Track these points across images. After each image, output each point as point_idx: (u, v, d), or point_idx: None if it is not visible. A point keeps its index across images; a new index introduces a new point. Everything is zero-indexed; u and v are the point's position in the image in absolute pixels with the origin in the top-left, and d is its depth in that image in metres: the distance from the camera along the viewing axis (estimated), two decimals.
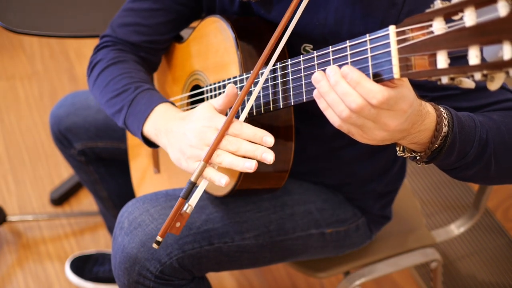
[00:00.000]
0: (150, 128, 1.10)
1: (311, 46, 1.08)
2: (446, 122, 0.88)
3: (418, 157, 0.92)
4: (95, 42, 1.31)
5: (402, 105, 0.80)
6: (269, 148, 0.95)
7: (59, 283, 1.90)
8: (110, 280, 1.81)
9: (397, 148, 0.93)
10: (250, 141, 0.95)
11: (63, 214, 2.10)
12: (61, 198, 2.12)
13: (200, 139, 0.99)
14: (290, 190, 1.27)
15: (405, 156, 0.93)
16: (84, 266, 1.85)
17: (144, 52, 1.26)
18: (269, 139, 0.95)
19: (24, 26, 1.61)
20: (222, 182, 0.95)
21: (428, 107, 0.88)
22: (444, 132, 0.88)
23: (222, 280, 1.90)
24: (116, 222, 1.18)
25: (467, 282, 1.89)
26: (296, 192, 1.28)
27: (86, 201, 2.13)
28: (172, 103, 1.14)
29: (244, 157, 0.95)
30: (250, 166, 0.94)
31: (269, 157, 0.94)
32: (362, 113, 0.80)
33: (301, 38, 1.08)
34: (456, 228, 1.54)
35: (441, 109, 0.89)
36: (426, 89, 1.02)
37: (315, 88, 0.87)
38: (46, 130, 2.34)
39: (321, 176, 1.30)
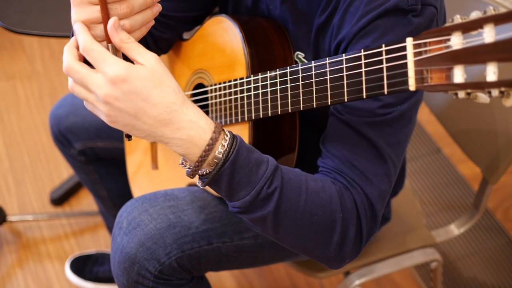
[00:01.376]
0: None
1: (303, 55, 1.08)
2: (222, 151, 0.86)
3: (188, 170, 0.89)
4: None
5: (108, 69, 0.80)
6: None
7: (59, 283, 1.90)
8: (110, 280, 1.81)
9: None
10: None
11: (63, 214, 2.10)
12: (61, 198, 2.12)
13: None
14: None
15: (182, 166, 0.90)
16: (84, 266, 1.85)
17: None
18: None
19: (24, 26, 1.61)
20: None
21: (200, 122, 0.85)
22: (216, 160, 0.86)
23: (222, 280, 1.90)
24: (115, 222, 1.18)
25: (467, 282, 1.88)
26: None
27: (86, 201, 2.13)
28: None
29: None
30: (158, 9, 0.89)
31: None
32: (70, 71, 0.83)
33: (294, 46, 1.09)
34: (456, 228, 1.53)
35: (225, 142, 0.86)
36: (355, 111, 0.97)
37: (325, 94, 0.88)
38: (46, 130, 2.34)
39: None
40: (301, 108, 0.94)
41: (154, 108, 0.82)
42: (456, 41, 0.72)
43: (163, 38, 1.26)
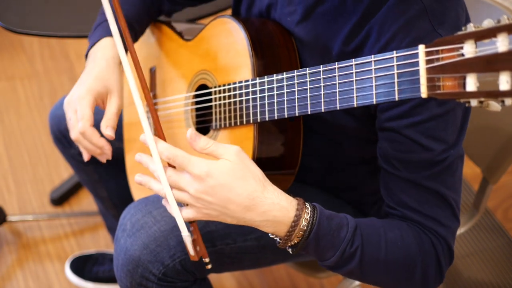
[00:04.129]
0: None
1: None
2: (306, 223, 0.93)
3: (278, 242, 0.97)
4: None
5: (194, 169, 0.90)
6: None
7: (59, 283, 1.90)
8: (110, 280, 1.81)
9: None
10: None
11: (63, 214, 2.10)
12: (61, 198, 2.12)
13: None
14: (290, 190, 1.26)
15: (272, 236, 0.98)
16: (84, 266, 1.85)
17: None
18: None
19: (24, 26, 1.61)
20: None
21: (282, 202, 0.93)
22: (302, 232, 0.93)
23: (222, 280, 1.90)
24: (118, 224, 1.18)
25: (467, 282, 1.89)
26: (296, 193, 1.27)
27: (86, 201, 2.13)
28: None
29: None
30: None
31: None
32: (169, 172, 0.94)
33: (305, 64, 1.09)
34: None
35: (307, 216, 0.94)
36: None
37: (334, 99, 0.90)
38: (46, 130, 2.33)
39: (322, 185, 1.30)
40: (309, 112, 0.94)
41: (238, 197, 0.91)
42: (469, 49, 0.72)
43: (167, 12, 1.39)
